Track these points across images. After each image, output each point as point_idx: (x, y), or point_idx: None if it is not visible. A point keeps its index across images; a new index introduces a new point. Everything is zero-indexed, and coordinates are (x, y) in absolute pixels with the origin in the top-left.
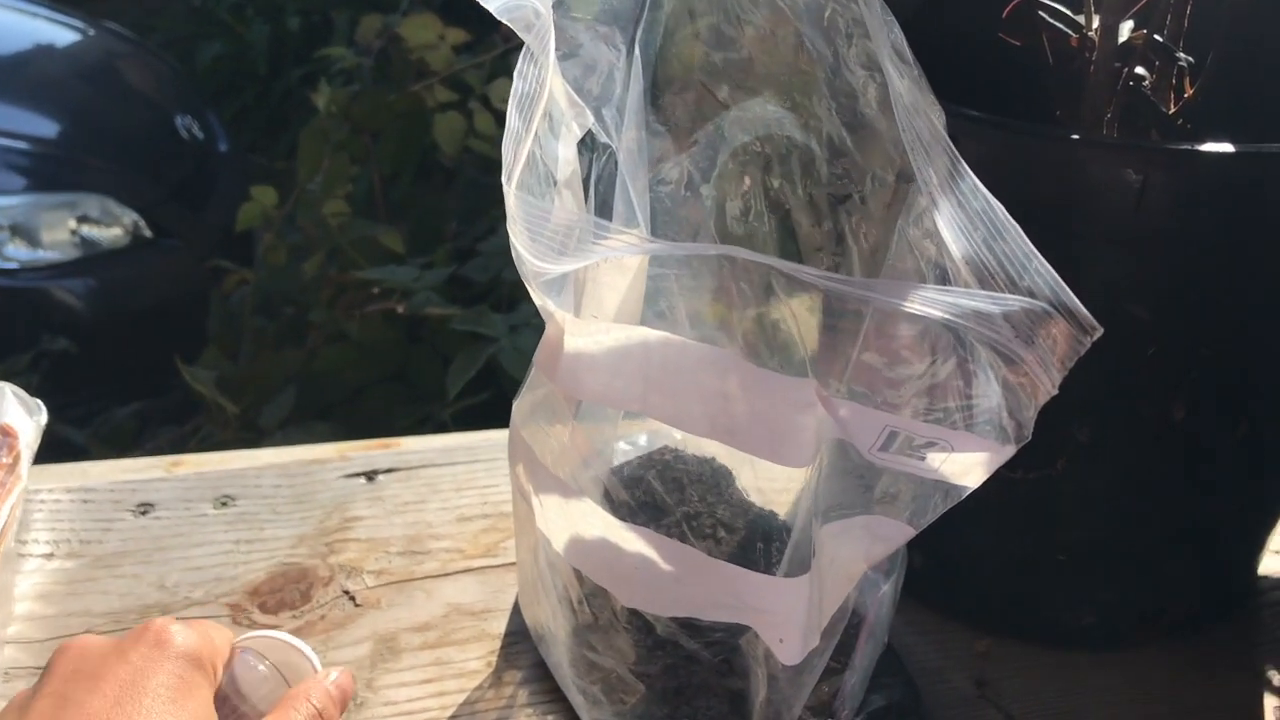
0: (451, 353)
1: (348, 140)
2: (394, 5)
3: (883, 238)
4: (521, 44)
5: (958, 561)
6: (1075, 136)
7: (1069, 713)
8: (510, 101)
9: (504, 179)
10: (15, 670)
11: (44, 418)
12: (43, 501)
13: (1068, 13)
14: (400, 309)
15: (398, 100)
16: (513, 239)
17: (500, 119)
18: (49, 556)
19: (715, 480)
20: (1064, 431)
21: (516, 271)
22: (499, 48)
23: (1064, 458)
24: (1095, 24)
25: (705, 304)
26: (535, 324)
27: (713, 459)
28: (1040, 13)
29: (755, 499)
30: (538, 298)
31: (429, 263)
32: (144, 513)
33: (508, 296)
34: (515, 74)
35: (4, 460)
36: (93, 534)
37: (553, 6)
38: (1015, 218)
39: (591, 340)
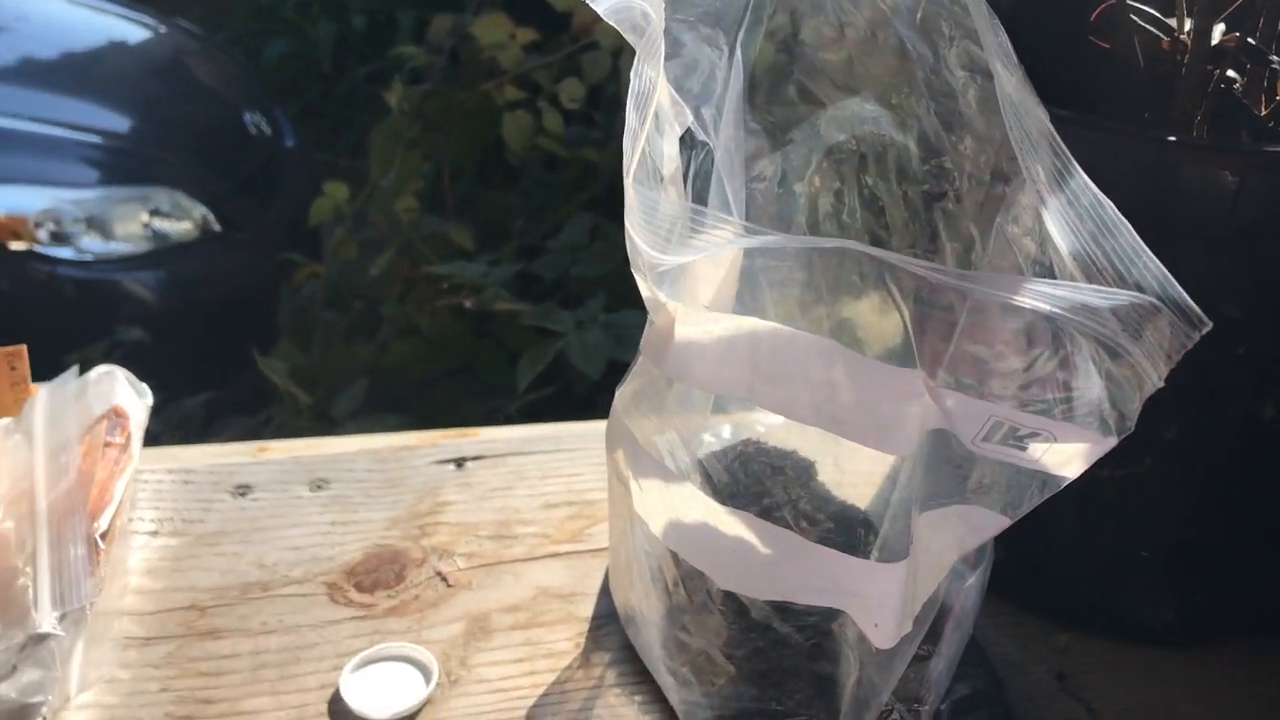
0: (519, 348)
1: (419, 138)
2: (462, 5)
3: (975, 236)
4: (591, 45)
5: (1039, 556)
6: (1171, 138)
7: (1150, 708)
8: (628, 100)
9: (624, 173)
10: (129, 640)
11: (150, 400)
12: (146, 482)
13: (1159, 15)
14: (469, 304)
15: (468, 98)
16: (629, 230)
17: (568, 118)
18: (154, 534)
19: (797, 473)
20: (1151, 430)
21: (583, 269)
22: (567, 48)
23: (1151, 456)
24: (1188, 26)
25: (794, 299)
26: (602, 321)
27: (794, 452)
28: (1132, 15)
29: (835, 493)
30: (647, 289)
31: (497, 259)
32: (242, 494)
33: (574, 293)
34: (631, 73)
35: (117, 440)
36: (194, 513)
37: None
38: None
39: (701, 330)
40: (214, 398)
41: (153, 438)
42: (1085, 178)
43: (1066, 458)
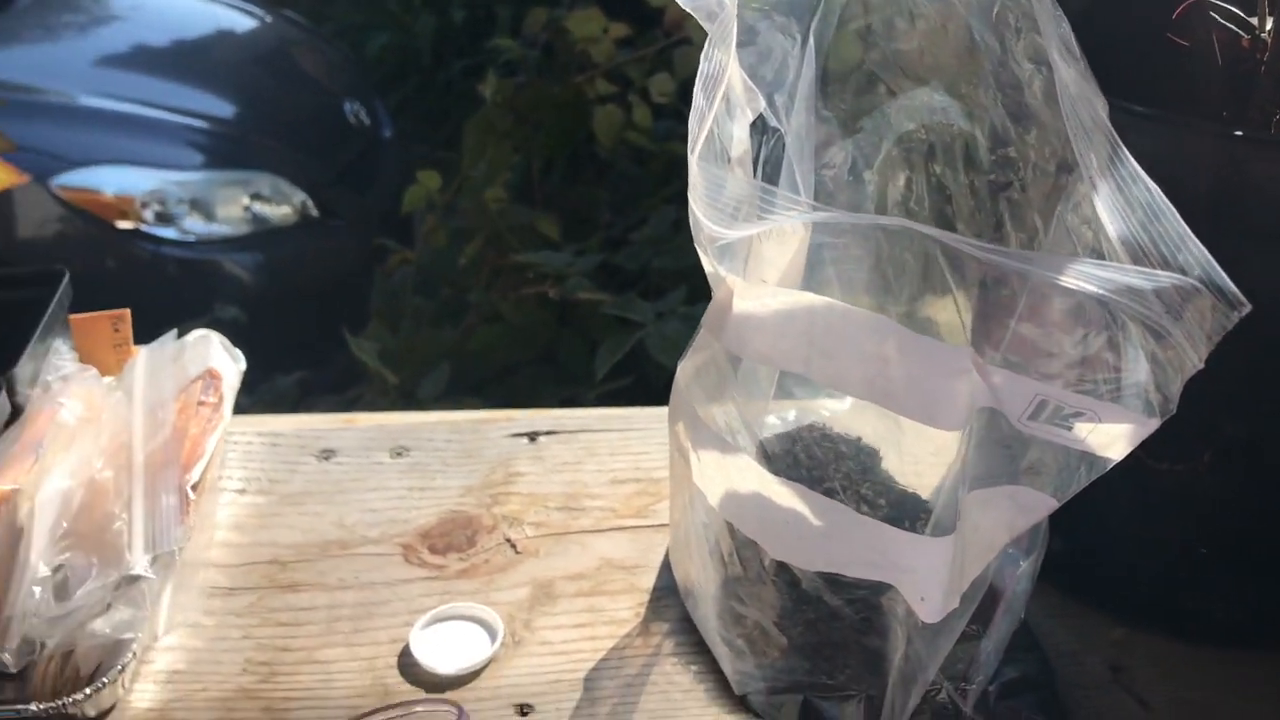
0: (599, 337)
1: (511, 129)
2: None
3: (1039, 226)
4: (683, 40)
5: (1098, 549)
6: (1241, 134)
7: (1203, 705)
8: (696, 82)
9: (689, 151)
10: (214, 589)
11: (243, 364)
12: (236, 442)
13: (1241, 14)
14: (553, 293)
15: (560, 92)
16: (692, 205)
17: (658, 113)
18: (241, 492)
19: (860, 458)
20: (1210, 426)
21: (666, 261)
22: (659, 43)
23: (1210, 452)
24: (1269, 25)
25: (860, 285)
26: (681, 313)
27: (859, 439)
28: (1212, 13)
29: (899, 481)
30: (709, 263)
31: (581, 249)
32: (326, 458)
33: (655, 285)
34: (702, 56)
35: (210, 399)
36: (280, 474)
37: None
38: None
39: (758, 303)
40: (306, 377)
41: (245, 412)
42: (1136, 166)
43: (1111, 438)
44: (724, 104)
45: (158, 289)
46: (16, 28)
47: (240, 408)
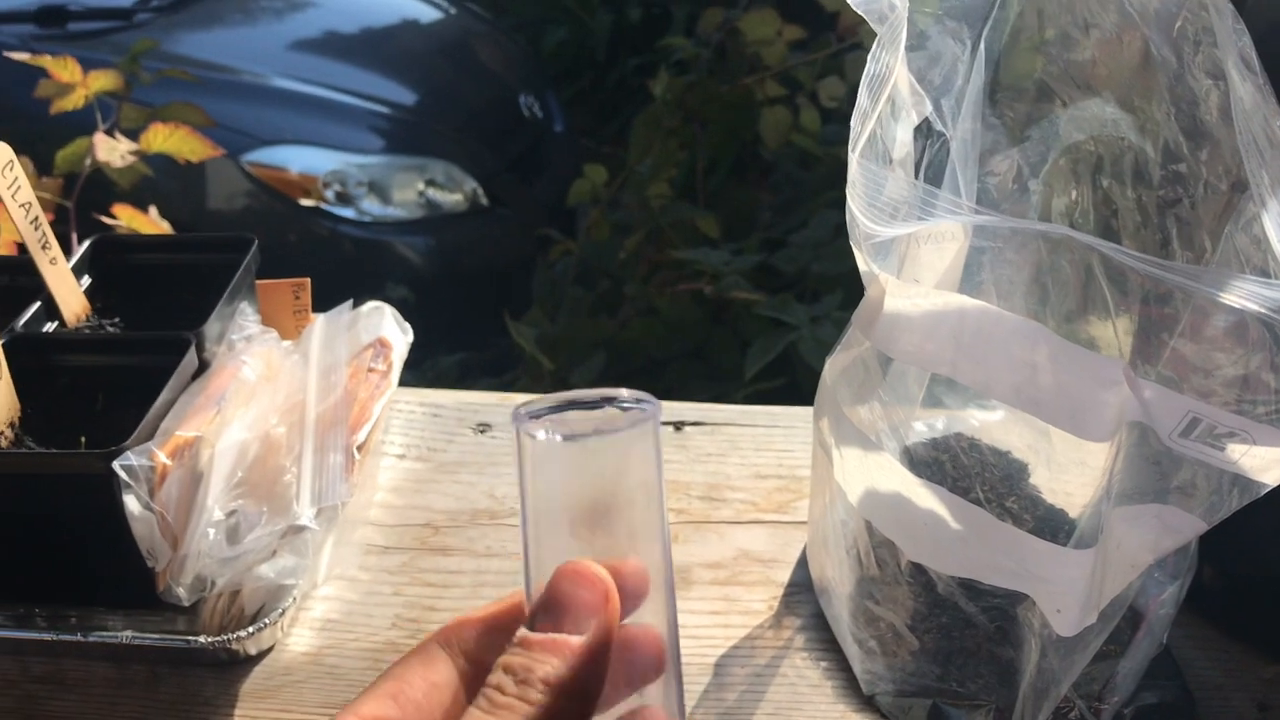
0: (752, 337)
1: (679, 127)
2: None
3: (1207, 245)
4: (855, 44)
5: (1253, 582)
6: None
7: None
8: (862, 82)
9: (849, 149)
10: (370, 547)
11: (410, 336)
12: (400, 411)
13: None
14: (708, 290)
15: (729, 92)
16: (850, 202)
17: (826, 116)
18: (401, 457)
19: (1008, 471)
20: None
21: (824, 265)
22: (832, 46)
23: None
24: None
25: (1020, 293)
26: (836, 317)
27: (1008, 452)
28: None
29: (1047, 497)
30: (863, 261)
31: (740, 249)
32: (482, 431)
33: (812, 288)
34: (869, 57)
35: (379, 367)
36: (438, 443)
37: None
38: None
39: (909, 302)
40: (467, 358)
41: (408, 386)
42: None
43: (1266, 462)
44: (889, 106)
45: (333, 265)
46: (220, 11)
47: (404, 382)
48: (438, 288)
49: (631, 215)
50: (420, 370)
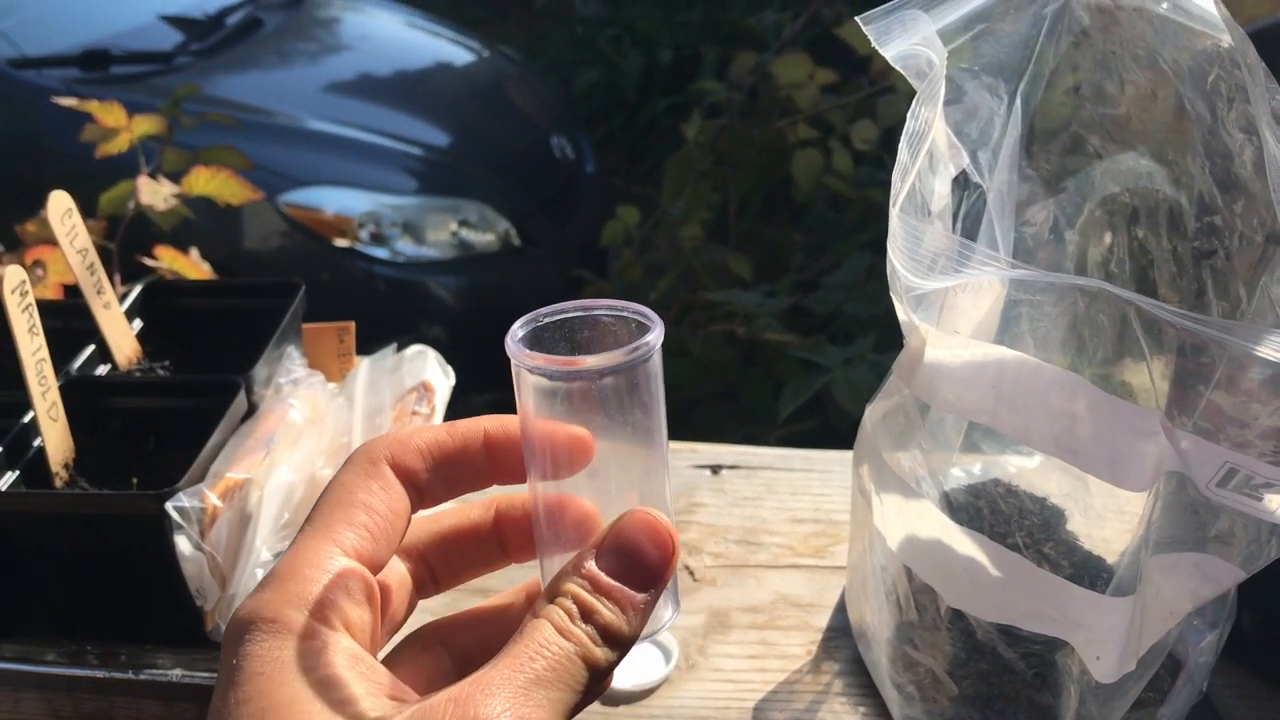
0: (784, 378)
1: (711, 170)
2: (763, 43)
3: (1242, 296)
4: (888, 89)
5: None
6: None
7: None
8: (902, 138)
9: (890, 203)
10: None
11: (453, 380)
12: None
13: None
14: (741, 331)
15: (761, 134)
16: (891, 255)
17: (858, 159)
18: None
19: (1045, 518)
20: None
21: (857, 307)
22: (864, 90)
23: None
24: None
25: (1055, 344)
26: (870, 359)
27: (1045, 498)
28: None
29: (1084, 543)
30: (903, 312)
31: (772, 291)
32: None
33: (845, 330)
34: (909, 114)
35: (423, 410)
36: None
37: (947, 56)
38: None
39: (950, 353)
40: (498, 397)
41: None
42: None
43: None
44: (927, 159)
45: (368, 305)
46: (258, 54)
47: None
48: (471, 327)
49: (663, 256)
50: (453, 410)
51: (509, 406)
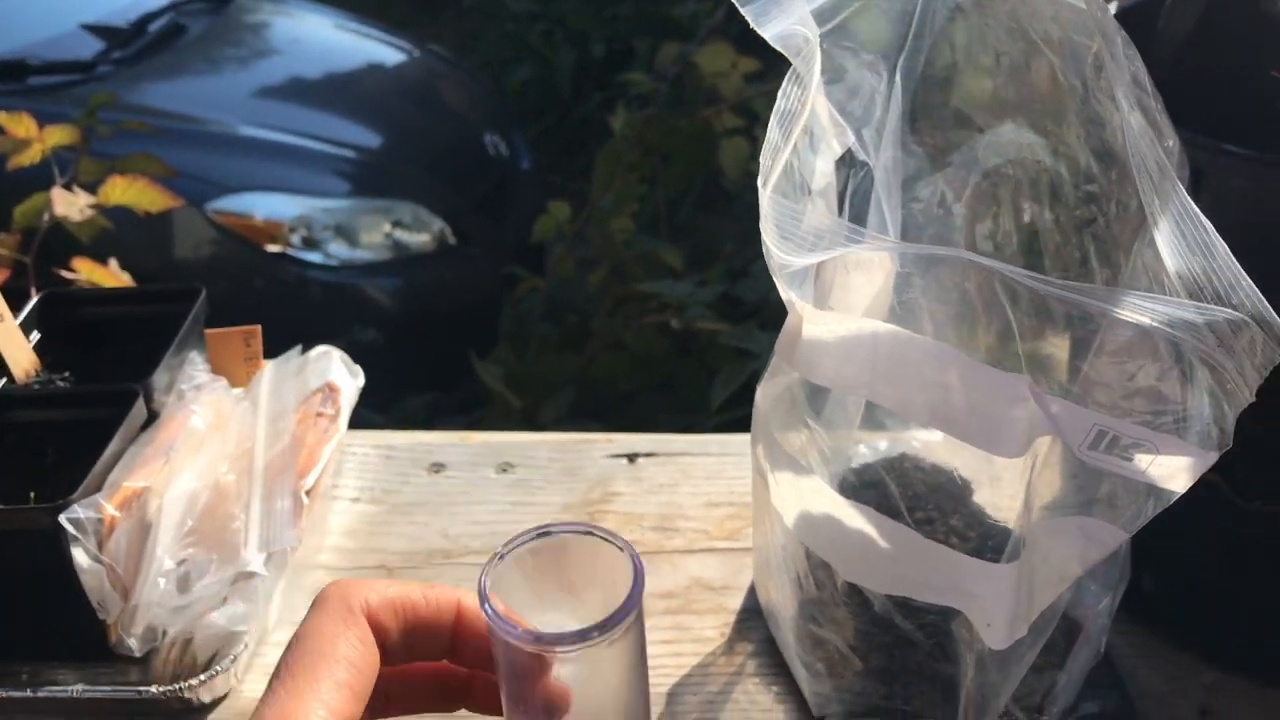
0: (718, 367)
1: (639, 161)
2: (692, 34)
3: (1122, 263)
4: None
5: (1190, 592)
6: None
7: None
8: (772, 117)
9: (760, 183)
10: None
11: (361, 381)
12: (354, 454)
13: None
14: (674, 322)
15: (688, 124)
16: (764, 235)
17: None
18: (355, 500)
19: (952, 490)
20: None
21: None
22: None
23: None
24: None
25: (950, 315)
26: None
27: (954, 470)
28: None
29: (992, 514)
30: (783, 290)
31: (703, 280)
32: (437, 471)
33: (774, 316)
34: (779, 93)
35: (328, 411)
36: (393, 485)
37: (825, 35)
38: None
39: (826, 329)
40: (436, 399)
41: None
42: (1193, 205)
43: (1172, 470)
44: (807, 138)
45: (302, 310)
46: (185, 60)
47: (373, 425)
48: (407, 329)
49: (596, 250)
50: (390, 412)
51: (447, 408)
